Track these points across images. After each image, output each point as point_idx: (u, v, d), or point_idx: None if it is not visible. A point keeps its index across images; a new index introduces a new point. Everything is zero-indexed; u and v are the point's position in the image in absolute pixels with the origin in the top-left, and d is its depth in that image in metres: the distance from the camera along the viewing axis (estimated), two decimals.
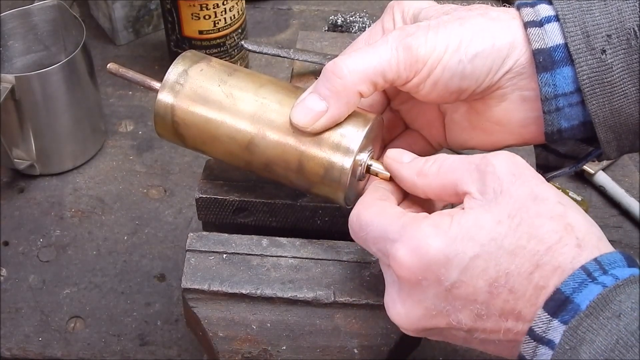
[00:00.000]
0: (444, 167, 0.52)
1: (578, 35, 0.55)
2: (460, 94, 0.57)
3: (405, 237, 0.49)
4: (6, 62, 0.94)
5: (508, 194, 0.48)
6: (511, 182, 0.49)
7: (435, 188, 0.53)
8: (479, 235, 0.47)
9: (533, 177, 0.49)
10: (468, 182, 0.50)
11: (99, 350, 0.79)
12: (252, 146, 0.59)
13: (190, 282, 0.60)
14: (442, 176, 0.52)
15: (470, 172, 0.50)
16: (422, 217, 0.50)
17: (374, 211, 0.52)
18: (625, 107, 0.55)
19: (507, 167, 0.49)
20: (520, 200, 0.48)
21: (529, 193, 0.48)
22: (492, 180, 0.49)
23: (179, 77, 0.60)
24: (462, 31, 0.56)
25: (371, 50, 0.56)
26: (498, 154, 0.50)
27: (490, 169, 0.49)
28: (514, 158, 0.50)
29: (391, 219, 0.51)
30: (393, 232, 0.50)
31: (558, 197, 0.49)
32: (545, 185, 0.49)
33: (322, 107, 0.56)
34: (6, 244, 0.88)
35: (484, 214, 0.48)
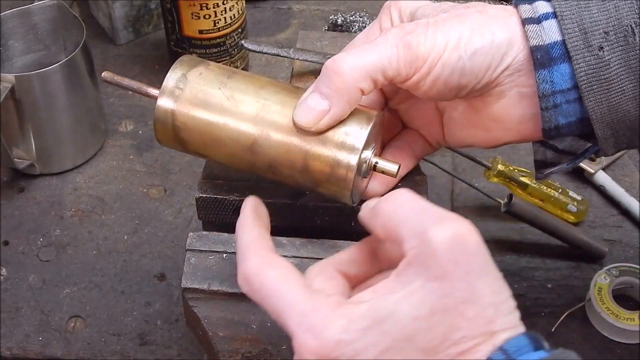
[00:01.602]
0: (396, 214, 0.47)
1: (575, 32, 0.55)
2: (460, 90, 0.57)
3: (316, 327, 0.45)
4: (6, 61, 0.94)
5: (439, 284, 0.44)
6: (449, 270, 0.44)
7: (382, 230, 0.48)
8: (392, 330, 0.44)
9: (477, 265, 0.45)
10: (409, 245, 0.46)
11: (99, 350, 0.79)
12: (256, 147, 0.59)
13: (190, 281, 0.60)
14: (390, 223, 0.47)
15: (415, 236, 0.45)
16: (334, 304, 0.45)
17: (277, 275, 0.47)
18: (622, 103, 0.55)
19: (451, 251, 0.44)
20: (450, 296, 0.44)
21: (464, 288, 0.44)
22: (430, 260, 0.44)
23: (178, 81, 0.60)
24: (461, 28, 0.56)
25: (371, 48, 0.56)
26: (447, 225, 0.45)
27: (434, 247, 0.44)
28: (462, 237, 0.45)
29: (300, 294, 0.46)
30: (304, 314, 0.45)
31: (493, 295, 0.44)
32: (484, 279, 0.44)
33: (325, 106, 0.56)
34: (6, 243, 0.88)
35: (403, 302, 0.44)
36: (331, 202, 0.63)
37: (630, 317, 0.77)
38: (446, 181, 0.91)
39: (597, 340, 0.79)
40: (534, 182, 0.86)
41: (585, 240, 0.84)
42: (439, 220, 0.45)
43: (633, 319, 0.77)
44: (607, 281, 0.79)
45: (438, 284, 0.44)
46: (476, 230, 0.45)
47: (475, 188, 0.85)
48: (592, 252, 0.84)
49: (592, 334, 0.79)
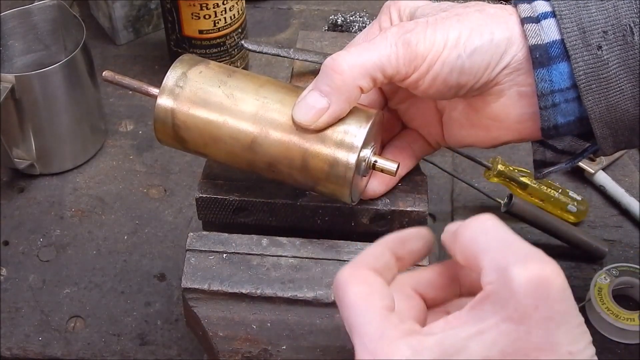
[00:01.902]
0: (477, 242, 0.45)
1: (574, 31, 0.55)
2: (459, 89, 0.57)
3: (379, 352, 0.43)
4: (6, 61, 0.94)
5: (516, 326, 0.42)
6: (528, 314, 0.42)
7: (462, 257, 0.46)
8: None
9: (559, 312, 0.42)
10: (487, 278, 0.43)
11: (99, 350, 0.79)
12: (255, 145, 0.59)
13: (190, 281, 0.60)
14: (470, 250, 0.45)
15: (496, 271, 0.43)
16: (403, 332, 0.44)
17: (362, 291, 0.46)
18: (621, 103, 0.55)
19: (533, 294, 0.42)
20: (525, 341, 0.42)
21: (541, 335, 0.42)
22: (509, 300, 0.42)
23: (178, 80, 0.60)
24: (460, 27, 0.56)
25: (370, 46, 0.56)
26: (531, 265, 0.42)
27: (514, 287, 0.42)
28: (545, 280, 0.42)
29: (374, 315, 0.45)
30: (370, 336, 0.44)
31: (571, 344, 0.43)
32: (564, 327, 0.42)
33: (324, 104, 0.56)
34: (6, 243, 0.88)
35: (475, 340, 0.42)
36: (331, 202, 0.63)
37: (630, 317, 0.77)
38: (446, 181, 0.91)
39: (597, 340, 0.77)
40: (534, 182, 0.86)
41: (585, 240, 0.84)
42: (523, 259, 0.43)
43: (633, 319, 0.77)
44: (607, 281, 0.79)
45: (514, 327, 0.42)
46: (561, 272, 0.43)
47: (475, 188, 0.85)
48: (592, 252, 0.84)
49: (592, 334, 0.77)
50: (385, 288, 0.46)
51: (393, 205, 0.63)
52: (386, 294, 0.46)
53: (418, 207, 0.63)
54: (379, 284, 0.46)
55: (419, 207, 0.63)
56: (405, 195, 0.64)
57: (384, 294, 0.46)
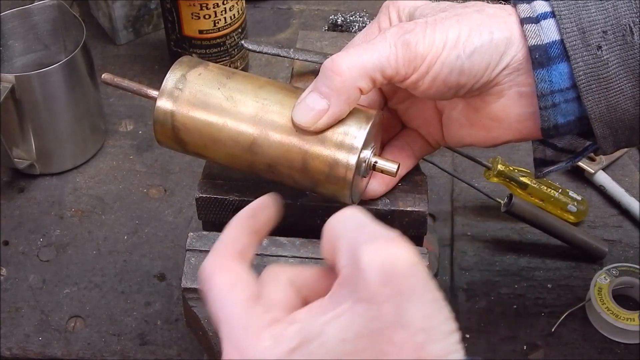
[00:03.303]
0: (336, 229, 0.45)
1: (574, 32, 0.55)
2: (459, 89, 0.57)
3: (242, 344, 0.43)
4: (6, 61, 0.94)
5: (367, 306, 0.41)
6: (377, 292, 0.41)
7: (324, 248, 0.46)
8: (318, 352, 0.42)
9: (408, 288, 0.42)
10: (342, 263, 0.44)
11: (99, 350, 0.79)
12: (255, 147, 0.59)
13: (190, 281, 0.60)
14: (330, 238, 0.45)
15: (348, 254, 0.43)
16: (266, 322, 0.44)
17: (225, 281, 0.45)
18: (621, 102, 0.55)
19: (380, 271, 0.42)
20: (377, 320, 0.41)
21: (392, 312, 0.41)
22: (358, 280, 0.42)
23: (178, 82, 0.60)
24: (459, 27, 0.56)
25: (369, 47, 0.56)
26: (378, 244, 0.42)
27: (362, 267, 0.42)
28: (392, 256, 0.42)
29: (238, 306, 0.44)
30: (234, 328, 0.44)
31: (425, 319, 0.41)
32: (415, 302, 0.42)
33: (323, 105, 0.56)
34: (6, 243, 0.88)
35: (331, 324, 0.42)
36: (331, 202, 0.63)
37: (630, 317, 0.77)
38: (446, 181, 0.91)
39: (597, 340, 0.79)
40: (534, 182, 0.86)
41: (585, 240, 0.84)
42: (372, 239, 0.43)
43: (633, 319, 0.77)
44: (607, 281, 0.79)
45: (365, 307, 0.41)
46: (412, 250, 0.43)
47: (475, 188, 0.85)
48: (592, 252, 0.84)
49: (592, 334, 0.79)
50: (249, 275, 0.46)
51: (393, 205, 0.63)
52: (250, 282, 0.46)
53: (418, 207, 0.63)
54: (243, 271, 0.46)
55: (419, 207, 0.63)
56: (405, 195, 0.64)
57: (248, 282, 0.46)
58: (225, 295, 0.45)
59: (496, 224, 0.88)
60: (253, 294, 0.45)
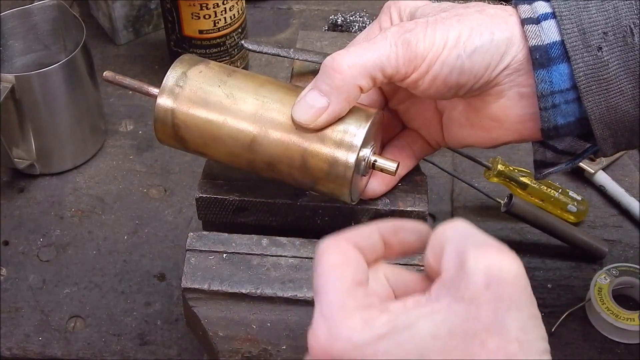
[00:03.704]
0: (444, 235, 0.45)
1: (574, 33, 0.55)
2: (459, 89, 0.57)
3: (333, 319, 0.43)
4: (6, 61, 0.94)
5: (466, 306, 0.41)
6: (479, 294, 0.41)
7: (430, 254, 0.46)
8: (407, 343, 0.42)
9: (510, 296, 0.42)
10: (446, 265, 0.44)
11: (99, 350, 0.79)
12: (255, 145, 0.59)
13: (190, 281, 0.60)
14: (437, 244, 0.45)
15: (454, 257, 0.43)
16: (361, 306, 0.43)
17: (337, 260, 0.45)
18: (621, 104, 0.55)
19: (485, 274, 0.42)
20: (473, 321, 0.41)
21: (490, 315, 0.41)
22: (461, 280, 0.42)
23: (178, 79, 0.60)
24: (460, 27, 0.56)
25: (370, 46, 0.56)
26: (487, 250, 0.43)
27: (468, 269, 0.42)
28: (500, 263, 0.42)
29: (341, 285, 0.44)
30: (330, 305, 0.44)
31: (521, 331, 0.41)
32: (515, 312, 0.41)
33: (323, 103, 0.56)
34: (6, 243, 0.88)
35: (426, 318, 0.42)
36: (331, 202, 0.63)
37: (630, 317, 0.77)
38: (446, 181, 0.91)
39: (597, 340, 0.79)
40: (534, 182, 0.86)
41: (585, 240, 0.84)
42: (481, 245, 0.43)
43: (633, 319, 0.77)
44: (607, 281, 0.79)
45: (464, 307, 0.41)
46: (519, 261, 0.43)
47: (475, 188, 0.85)
48: (592, 252, 0.84)
49: (592, 334, 0.79)
50: (361, 264, 0.46)
51: (393, 205, 0.63)
52: (361, 268, 0.46)
53: (418, 207, 0.63)
54: (356, 258, 0.46)
55: (419, 207, 0.63)
56: (405, 195, 0.64)
57: (359, 268, 0.46)
58: (332, 272, 0.45)
59: (496, 224, 0.88)
60: (360, 279, 0.45)
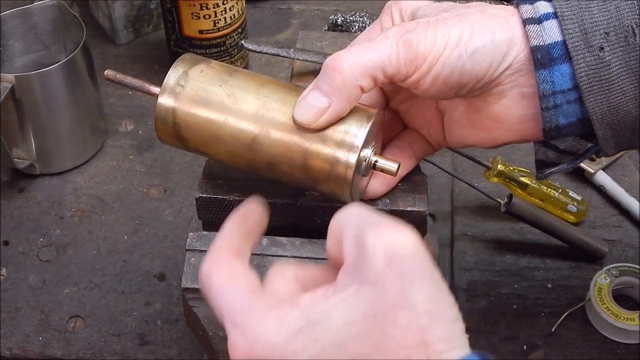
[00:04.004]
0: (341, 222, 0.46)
1: (576, 33, 0.55)
2: (460, 89, 0.57)
3: (246, 325, 0.44)
4: (6, 61, 0.94)
5: (372, 287, 0.42)
6: (382, 273, 0.42)
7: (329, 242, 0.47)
8: (323, 336, 0.42)
9: (412, 269, 0.42)
10: (347, 250, 0.44)
11: (99, 350, 0.79)
12: (256, 145, 0.59)
13: (190, 281, 0.60)
14: (336, 231, 0.46)
15: (353, 241, 0.44)
16: (270, 306, 0.44)
17: (224, 276, 0.46)
18: (623, 104, 0.55)
19: (384, 252, 0.42)
20: (382, 301, 0.41)
21: (396, 292, 0.41)
22: (363, 263, 0.43)
23: (179, 79, 0.60)
24: (461, 27, 0.56)
25: (371, 46, 0.56)
26: (382, 229, 0.43)
27: (367, 251, 0.43)
28: (397, 240, 0.43)
29: (240, 294, 0.45)
30: (237, 313, 0.44)
31: (429, 302, 0.41)
32: (420, 283, 0.42)
33: (324, 103, 0.56)
34: (6, 243, 0.88)
35: (337, 307, 0.42)
36: (331, 202, 0.63)
37: (630, 317, 0.77)
38: (446, 181, 0.91)
39: (597, 340, 0.79)
40: (534, 182, 0.86)
41: (585, 240, 0.84)
42: (376, 225, 0.44)
43: (633, 319, 0.77)
44: (607, 281, 0.79)
45: (370, 288, 0.42)
46: (416, 236, 0.43)
47: (475, 188, 0.85)
48: (592, 252, 0.84)
49: (592, 334, 0.79)
50: (247, 269, 0.47)
51: (393, 205, 0.63)
52: (249, 274, 0.46)
53: (418, 207, 0.63)
54: (240, 266, 0.47)
55: (419, 207, 0.63)
56: (405, 195, 0.64)
57: (247, 275, 0.46)
58: (225, 288, 0.46)
59: (496, 224, 0.88)
60: (254, 285, 0.46)
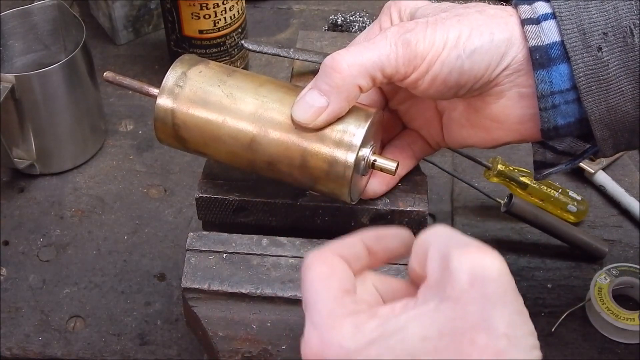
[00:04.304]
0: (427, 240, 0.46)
1: (574, 33, 0.55)
2: (459, 89, 0.57)
3: (324, 327, 0.44)
4: (6, 61, 0.94)
5: (452, 305, 0.42)
6: (464, 292, 0.42)
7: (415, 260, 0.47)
8: (398, 347, 0.42)
9: (495, 293, 0.42)
10: (431, 268, 0.45)
11: (99, 350, 0.79)
12: (255, 145, 0.59)
13: (190, 281, 0.60)
14: (421, 249, 0.46)
15: (438, 259, 0.44)
16: (350, 313, 0.44)
17: (323, 271, 0.47)
18: (621, 104, 0.55)
19: (469, 273, 0.42)
20: (461, 320, 0.41)
21: (477, 313, 0.41)
22: (446, 281, 0.43)
23: (178, 79, 0.60)
24: (460, 27, 0.56)
25: (370, 45, 0.56)
26: (469, 250, 0.43)
27: (452, 269, 0.43)
28: (482, 261, 0.43)
29: (328, 295, 0.46)
30: (319, 313, 0.45)
31: (509, 327, 0.41)
32: (501, 308, 0.42)
33: (323, 103, 0.56)
34: (6, 243, 0.88)
35: (414, 321, 0.42)
36: (331, 202, 0.63)
37: (630, 317, 0.77)
38: (446, 181, 0.91)
39: (597, 340, 0.79)
40: (534, 182, 0.86)
41: (585, 240, 0.84)
42: (463, 245, 0.44)
43: (633, 319, 0.77)
44: (607, 281, 0.79)
45: (451, 306, 0.42)
46: (502, 259, 0.43)
47: (475, 188, 0.85)
48: (592, 252, 0.84)
49: (592, 334, 0.79)
50: (347, 273, 0.47)
51: (393, 205, 0.63)
52: (347, 278, 0.47)
53: (418, 207, 0.63)
54: (342, 268, 0.47)
55: (419, 207, 0.63)
56: (405, 195, 0.64)
57: (345, 277, 0.47)
58: (319, 283, 0.46)
59: (496, 224, 0.88)
60: (347, 288, 0.46)
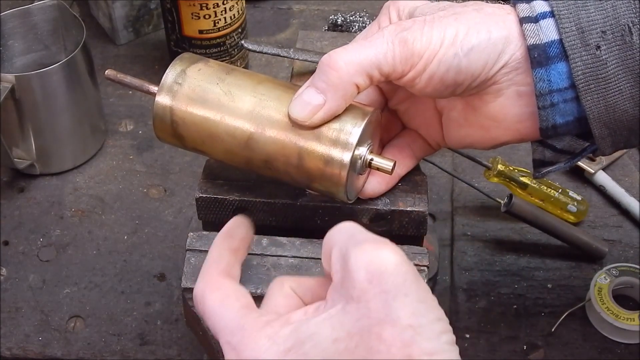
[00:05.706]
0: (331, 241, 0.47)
1: (573, 31, 0.55)
2: (456, 88, 0.57)
3: (240, 345, 0.46)
4: (6, 61, 0.94)
5: (356, 305, 0.43)
6: (364, 290, 0.43)
7: (323, 260, 0.48)
8: (312, 352, 0.43)
9: (394, 285, 0.43)
10: (334, 269, 0.46)
11: (99, 350, 0.79)
12: (252, 142, 0.59)
13: (190, 281, 0.60)
14: (326, 250, 0.48)
15: (339, 260, 0.46)
16: (262, 324, 0.46)
17: (217, 297, 0.49)
18: (619, 103, 0.55)
19: (366, 270, 0.43)
20: (366, 318, 0.43)
21: (379, 308, 0.43)
22: (347, 281, 0.44)
23: (177, 77, 0.60)
24: (457, 25, 0.56)
25: (367, 44, 0.56)
26: (364, 247, 0.44)
27: (350, 269, 0.44)
28: (378, 257, 0.44)
29: (233, 314, 0.47)
30: (232, 333, 0.46)
31: (413, 317, 0.42)
32: (402, 299, 0.43)
33: (320, 100, 0.56)
34: (6, 243, 0.88)
35: (325, 324, 0.44)
36: (331, 202, 0.63)
37: (630, 317, 0.77)
38: (446, 181, 0.91)
39: (597, 340, 0.79)
40: (534, 182, 0.86)
41: (585, 240, 0.84)
42: (358, 244, 0.45)
43: (633, 319, 0.77)
44: (607, 281, 0.79)
45: (355, 306, 0.43)
46: (399, 252, 0.44)
47: (475, 188, 0.85)
48: (592, 252, 0.84)
49: (592, 334, 0.79)
50: (238, 288, 0.49)
51: (393, 205, 0.63)
52: (240, 294, 0.49)
53: (418, 207, 0.63)
54: (231, 286, 0.49)
55: (419, 207, 0.63)
56: (405, 195, 0.64)
57: (239, 294, 0.49)
58: (218, 308, 0.48)
59: (496, 224, 0.88)
60: (246, 303, 0.48)
